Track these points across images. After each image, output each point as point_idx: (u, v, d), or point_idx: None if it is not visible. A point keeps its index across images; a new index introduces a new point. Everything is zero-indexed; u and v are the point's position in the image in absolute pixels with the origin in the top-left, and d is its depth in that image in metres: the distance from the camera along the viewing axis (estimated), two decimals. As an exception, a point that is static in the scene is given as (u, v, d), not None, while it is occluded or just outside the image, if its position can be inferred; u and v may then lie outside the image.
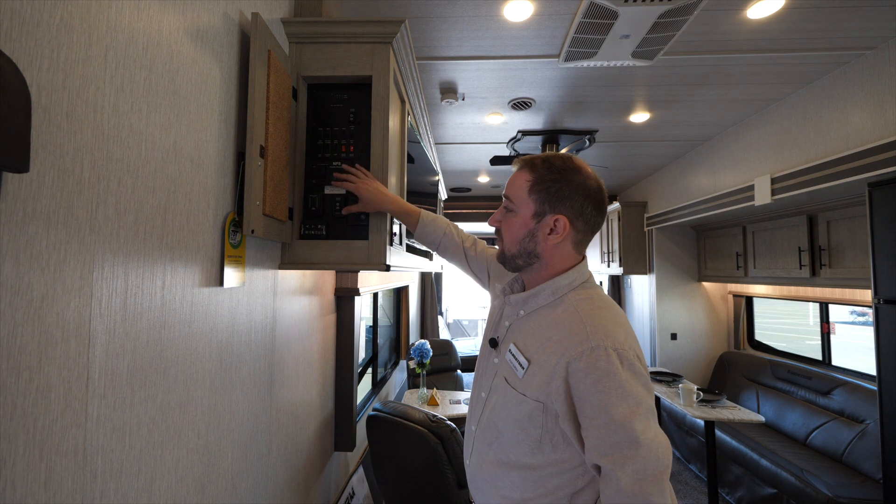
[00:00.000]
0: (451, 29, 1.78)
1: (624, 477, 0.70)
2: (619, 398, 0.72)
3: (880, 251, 1.86)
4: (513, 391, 0.83)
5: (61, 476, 0.53)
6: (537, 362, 0.80)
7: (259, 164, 0.96)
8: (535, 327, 0.85)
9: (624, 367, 0.74)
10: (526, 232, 0.86)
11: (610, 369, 0.73)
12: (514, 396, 0.83)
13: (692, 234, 4.08)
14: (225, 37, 0.91)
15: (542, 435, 0.80)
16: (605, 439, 0.72)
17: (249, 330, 1.04)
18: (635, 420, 0.71)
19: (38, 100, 0.50)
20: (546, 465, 0.81)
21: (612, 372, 0.73)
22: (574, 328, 0.78)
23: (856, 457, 2.44)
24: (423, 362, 2.98)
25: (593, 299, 0.84)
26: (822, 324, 3.16)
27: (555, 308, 0.84)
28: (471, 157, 3.68)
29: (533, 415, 0.80)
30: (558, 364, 0.77)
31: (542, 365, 0.79)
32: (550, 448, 0.80)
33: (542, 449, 0.81)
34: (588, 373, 0.74)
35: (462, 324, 9.80)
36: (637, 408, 0.72)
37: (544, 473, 0.81)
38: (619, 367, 0.73)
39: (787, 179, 2.35)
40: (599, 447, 0.73)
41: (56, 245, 0.52)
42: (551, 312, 0.84)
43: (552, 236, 0.85)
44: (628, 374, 0.73)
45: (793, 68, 2.09)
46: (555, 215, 0.84)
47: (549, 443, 0.80)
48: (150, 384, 0.69)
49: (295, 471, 1.39)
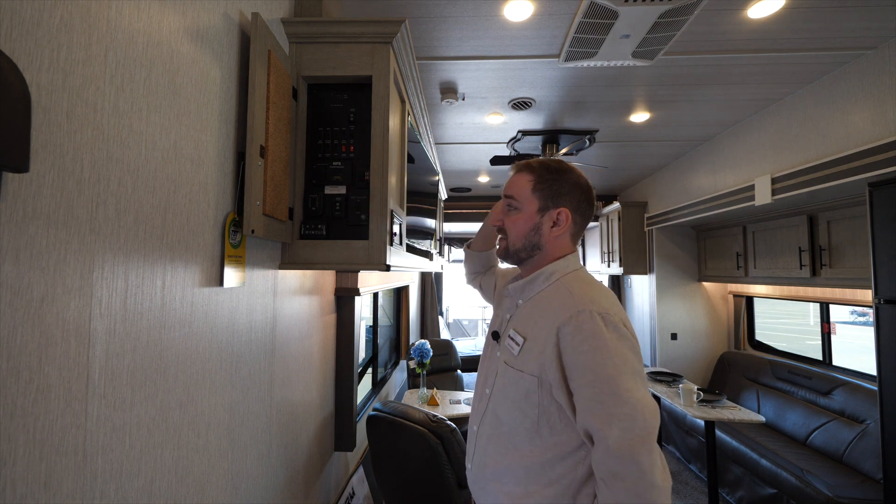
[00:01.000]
0: (451, 29, 1.78)
1: (611, 436, 0.73)
2: (604, 356, 0.77)
3: (880, 251, 1.86)
4: (510, 370, 0.88)
5: (61, 476, 0.53)
6: (532, 338, 0.86)
7: (259, 164, 0.96)
8: (531, 311, 0.91)
9: (608, 328, 0.79)
10: (531, 226, 0.93)
11: (595, 330, 0.78)
12: (512, 375, 0.87)
13: (692, 234, 4.07)
14: (225, 37, 0.91)
15: (539, 416, 0.83)
16: (592, 398, 0.76)
17: (249, 330, 1.04)
18: (621, 378, 0.75)
19: (38, 100, 0.50)
20: (546, 450, 0.83)
21: (597, 333, 0.78)
22: (563, 300, 0.85)
23: (856, 457, 2.44)
24: (423, 362, 2.98)
25: (583, 279, 0.90)
26: (822, 324, 3.16)
27: (548, 290, 0.91)
28: (471, 157, 3.68)
29: (529, 393, 0.84)
30: (549, 332, 0.82)
31: (535, 339, 0.85)
32: (548, 431, 0.83)
33: (539, 432, 0.83)
34: (574, 334, 0.79)
35: (462, 324, 9.80)
36: (623, 366, 0.76)
37: (545, 459, 0.83)
38: (604, 328, 0.78)
39: (787, 179, 2.35)
40: (588, 407, 0.76)
41: (56, 245, 0.52)
42: (545, 295, 0.91)
43: (555, 229, 0.93)
44: (613, 334, 0.78)
45: (793, 68, 2.09)
46: (558, 209, 0.92)
47: (547, 424, 0.83)
48: (150, 384, 0.69)
49: (295, 471, 1.39)
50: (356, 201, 1.18)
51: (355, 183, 1.19)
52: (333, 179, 1.20)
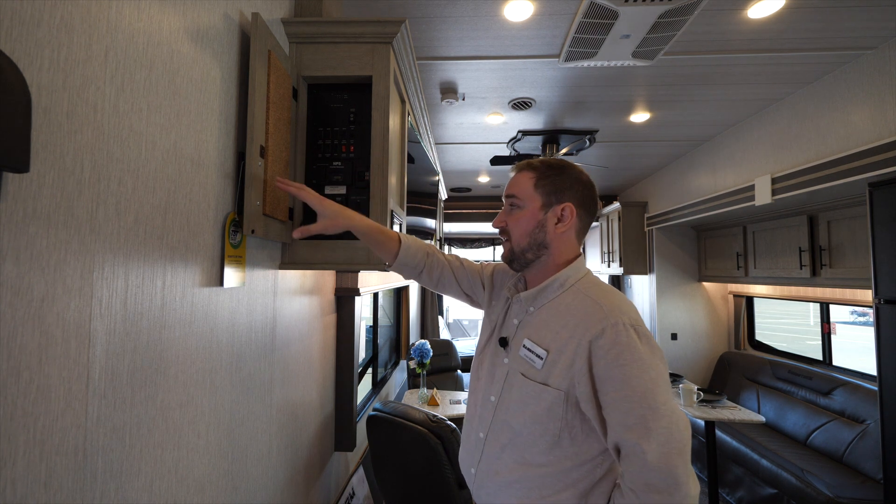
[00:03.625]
0: (451, 29, 1.78)
1: (650, 450, 0.72)
2: (640, 370, 0.75)
3: (881, 251, 1.86)
4: (531, 384, 0.84)
5: (61, 476, 0.53)
6: (556, 350, 0.83)
7: (259, 164, 0.96)
8: (547, 319, 0.88)
9: (642, 341, 0.77)
10: (535, 223, 0.91)
11: (630, 343, 0.76)
12: (532, 389, 0.84)
13: (692, 234, 4.07)
14: (225, 37, 0.91)
15: (562, 429, 0.81)
16: (629, 412, 0.74)
17: (250, 330, 1.04)
18: (657, 391, 0.74)
19: (38, 100, 0.50)
20: (564, 460, 0.82)
21: (632, 346, 0.76)
22: (590, 310, 0.82)
23: (856, 457, 2.44)
24: (423, 362, 2.98)
25: (599, 285, 0.88)
26: (822, 324, 3.16)
27: (564, 298, 0.88)
28: (471, 157, 3.67)
29: (553, 407, 0.81)
30: (580, 345, 0.80)
31: (561, 351, 0.82)
32: (569, 442, 0.82)
33: (560, 444, 0.82)
34: (610, 348, 0.77)
35: (462, 324, 9.80)
36: (658, 379, 0.75)
37: (563, 468, 0.82)
38: (638, 341, 0.77)
39: (787, 179, 2.34)
40: (624, 421, 0.75)
41: (56, 245, 0.52)
42: (562, 302, 0.87)
43: (560, 225, 0.90)
44: (646, 348, 0.77)
45: (793, 68, 2.09)
46: (562, 204, 0.90)
47: (568, 436, 0.82)
48: (151, 384, 0.69)
49: (295, 471, 1.39)
50: (356, 201, 1.18)
51: (355, 183, 1.19)
52: (333, 179, 1.20)
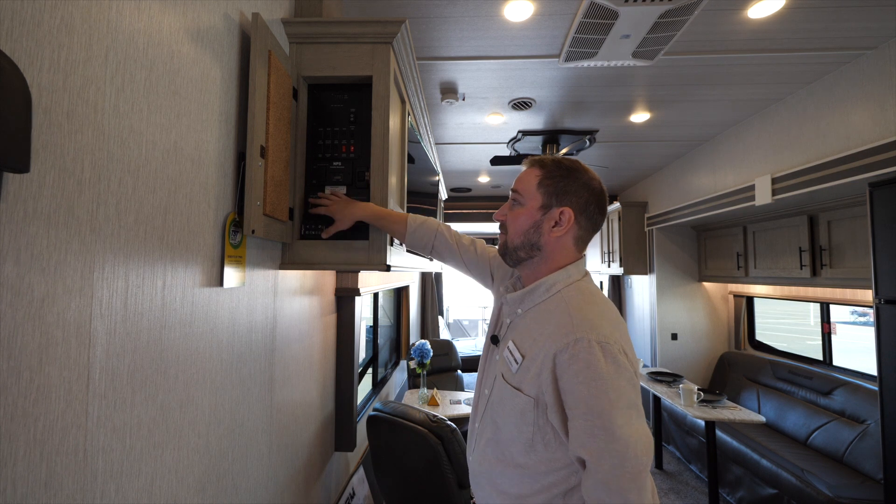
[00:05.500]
0: (451, 29, 1.78)
1: (602, 470, 0.72)
2: (599, 390, 0.73)
3: (881, 251, 1.86)
4: (508, 387, 0.85)
5: (62, 476, 0.53)
6: (529, 357, 0.82)
7: (259, 164, 0.96)
8: (530, 324, 0.87)
9: (607, 360, 0.74)
10: (531, 223, 0.89)
11: (591, 361, 0.74)
12: (509, 392, 0.85)
13: (692, 234, 4.07)
14: (225, 37, 0.91)
15: (535, 433, 0.82)
16: (584, 430, 0.74)
17: (250, 330, 1.04)
18: (615, 413, 0.72)
19: (38, 100, 0.50)
20: (539, 464, 0.82)
21: (594, 364, 0.74)
22: (562, 321, 0.80)
23: (857, 457, 2.44)
24: (423, 362, 2.98)
25: (583, 293, 0.85)
26: (822, 324, 3.16)
27: (548, 304, 0.87)
28: (471, 158, 3.67)
29: (525, 411, 0.82)
30: (546, 356, 0.79)
31: (533, 359, 0.82)
32: (543, 447, 0.82)
33: (534, 448, 0.82)
34: (570, 364, 0.75)
35: (462, 324, 9.79)
36: (617, 401, 0.73)
37: (539, 471, 0.83)
38: (602, 359, 0.74)
39: (787, 179, 2.35)
40: (579, 438, 0.75)
41: (57, 245, 0.52)
42: (545, 308, 0.87)
43: (556, 229, 0.88)
44: (611, 367, 0.74)
45: (793, 68, 2.09)
46: (560, 208, 0.87)
47: (542, 441, 0.82)
48: (151, 384, 0.69)
49: (295, 471, 1.39)
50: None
51: (355, 183, 1.19)
52: (334, 179, 1.19)
